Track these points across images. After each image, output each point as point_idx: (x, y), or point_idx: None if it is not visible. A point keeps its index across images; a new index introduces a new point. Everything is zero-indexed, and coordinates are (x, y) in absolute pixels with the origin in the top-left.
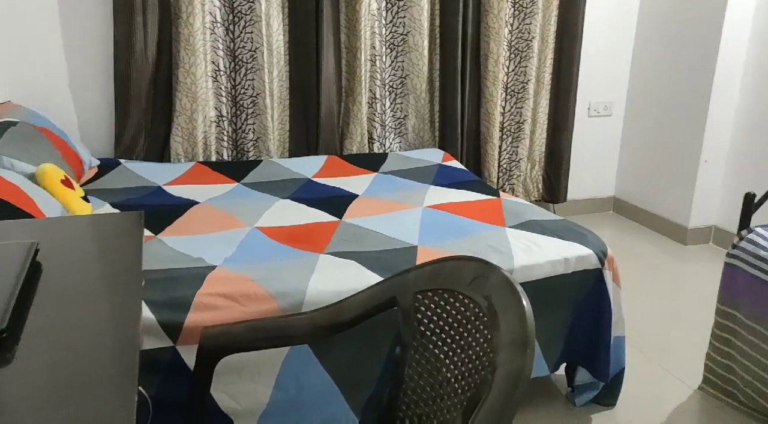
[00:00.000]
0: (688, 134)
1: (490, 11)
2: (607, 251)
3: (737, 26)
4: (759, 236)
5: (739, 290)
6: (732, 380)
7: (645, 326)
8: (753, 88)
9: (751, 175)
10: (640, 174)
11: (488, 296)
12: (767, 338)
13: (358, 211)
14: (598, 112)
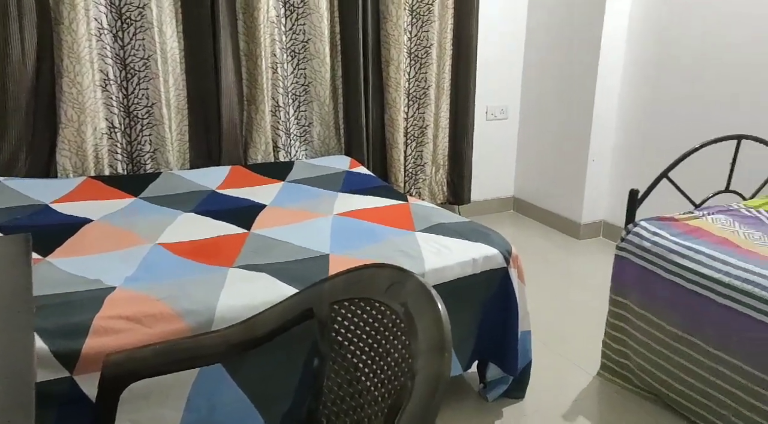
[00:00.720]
0: (577, 136)
1: (388, 19)
2: (511, 250)
3: (614, 36)
4: (643, 229)
5: (628, 281)
6: (626, 364)
7: (546, 319)
8: (629, 93)
9: (634, 173)
10: (536, 174)
11: (404, 303)
12: (655, 323)
13: (266, 221)
14: (495, 116)
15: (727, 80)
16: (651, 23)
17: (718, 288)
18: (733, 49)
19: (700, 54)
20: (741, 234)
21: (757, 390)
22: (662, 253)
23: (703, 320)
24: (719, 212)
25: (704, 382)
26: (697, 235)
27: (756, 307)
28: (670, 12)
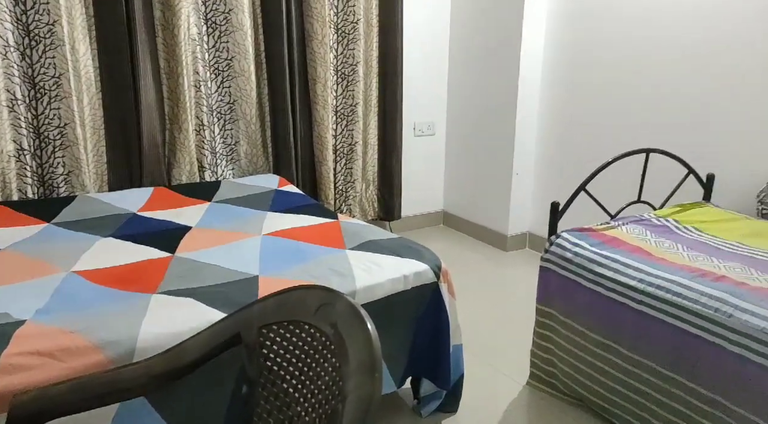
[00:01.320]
0: (501, 150)
1: (314, 37)
2: (441, 265)
3: (531, 55)
4: (565, 241)
5: (553, 290)
6: (553, 372)
7: (477, 331)
8: (548, 109)
9: (556, 185)
10: (463, 188)
11: (334, 324)
12: (579, 331)
13: (192, 244)
14: (422, 131)
15: (636, 98)
16: (564, 45)
17: (633, 294)
18: (641, 69)
19: (611, 74)
20: (653, 242)
21: (671, 391)
22: (583, 263)
23: (621, 326)
24: (633, 222)
25: (623, 385)
26: (613, 244)
27: (667, 311)
28: (581, 34)
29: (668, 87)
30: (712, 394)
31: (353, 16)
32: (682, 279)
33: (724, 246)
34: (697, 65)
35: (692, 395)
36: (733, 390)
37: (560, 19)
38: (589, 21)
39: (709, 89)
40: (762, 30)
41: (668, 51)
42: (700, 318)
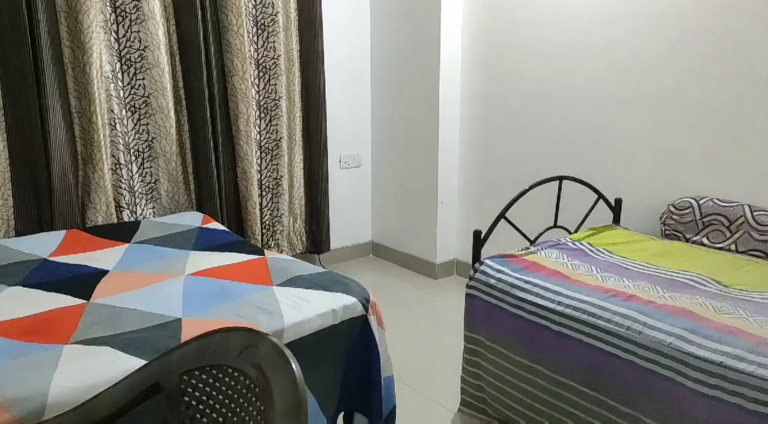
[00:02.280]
0: (425, 180)
1: (234, 73)
2: (369, 297)
3: (450, 89)
4: (488, 267)
5: (479, 316)
6: (483, 397)
7: (409, 361)
8: (468, 140)
9: (479, 213)
10: (391, 218)
11: (258, 366)
12: (504, 355)
13: (109, 289)
14: (348, 164)
15: (549, 128)
16: (479, 80)
17: (552, 317)
18: (551, 100)
19: (524, 106)
20: (569, 265)
21: (590, 407)
22: (506, 288)
23: (542, 347)
24: (551, 247)
25: (547, 405)
26: (533, 269)
27: (583, 331)
28: (494, 69)
29: (577, 117)
30: (626, 408)
31: (273, 52)
32: (596, 300)
33: (633, 266)
34: (602, 96)
35: (609, 411)
36: (644, 403)
37: (475, 56)
38: (502, 57)
39: (615, 119)
40: (665, 61)
41: (576, 82)
42: (613, 336)
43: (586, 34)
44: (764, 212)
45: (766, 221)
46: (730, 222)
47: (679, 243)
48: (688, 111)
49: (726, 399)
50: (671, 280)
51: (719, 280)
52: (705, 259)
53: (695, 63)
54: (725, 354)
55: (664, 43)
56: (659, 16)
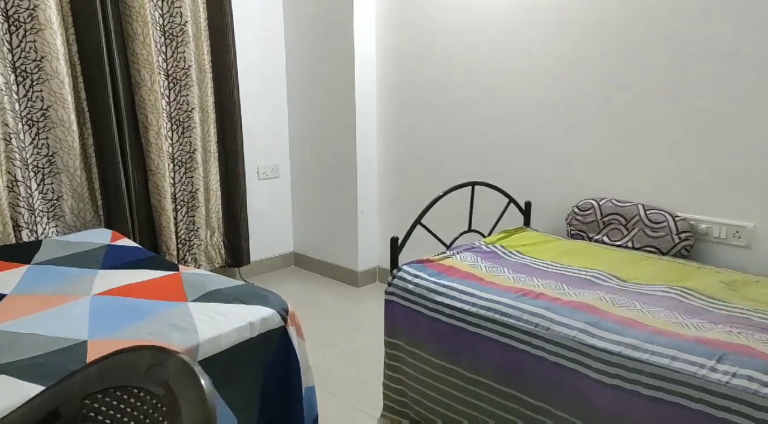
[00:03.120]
0: (345, 189)
1: (142, 84)
2: (288, 308)
3: (366, 98)
4: (406, 273)
5: (398, 322)
6: (405, 401)
7: (332, 370)
8: (385, 148)
9: (398, 220)
10: (312, 228)
11: (166, 383)
12: (424, 358)
13: (6, 313)
14: (267, 174)
15: (463, 135)
16: (397, 90)
17: (468, 318)
18: (464, 108)
19: (438, 114)
20: (483, 268)
21: (506, 404)
22: (423, 292)
23: (460, 349)
24: (465, 250)
25: (467, 405)
26: (449, 273)
27: (497, 330)
28: (408, 77)
29: (489, 124)
30: (538, 402)
31: (184, 62)
32: (508, 300)
33: (542, 266)
34: (511, 102)
35: (523, 406)
36: (554, 396)
37: (390, 64)
38: (416, 65)
39: (523, 125)
40: (567, 69)
41: (486, 89)
42: (524, 334)
43: (495, 42)
44: (656, 210)
45: (657, 219)
46: (626, 221)
47: (583, 242)
48: (589, 117)
49: (625, 387)
50: (576, 277)
51: (617, 275)
52: (605, 256)
53: (593, 71)
54: (623, 344)
55: (566, 51)
56: (561, 25)
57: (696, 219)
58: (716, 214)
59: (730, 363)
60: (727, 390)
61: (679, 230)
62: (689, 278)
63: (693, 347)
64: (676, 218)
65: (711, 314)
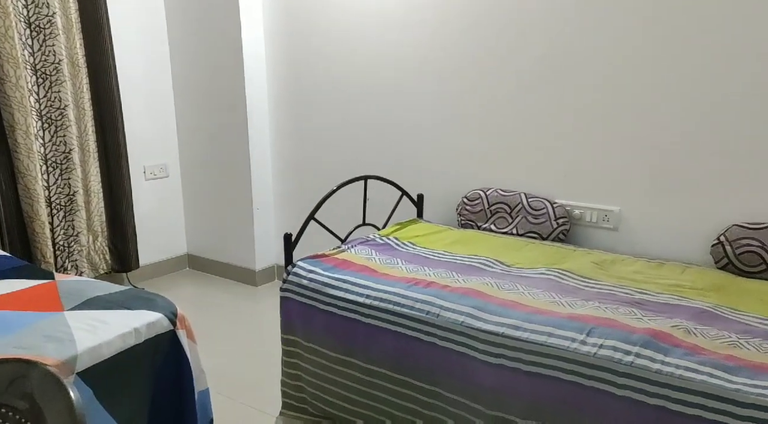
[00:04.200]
0: (239, 187)
1: (6, 80)
2: (176, 311)
3: (257, 93)
4: (301, 269)
5: (294, 318)
6: (303, 397)
7: (230, 372)
8: (279, 143)
9: (295, 216)
10: (207, 228)
11: (30, 397)
12: (321, 353)
13: None
14: (154, 174)
15: (357, 131)
16: (288, 85)
17: (362, 310)
18: (357, 104)
19: (332, 110)
20: (377, 260)
21: (401, 391)
22: (318, 287)
23: (355, 340)
24: (360, 244)
25: (364, 395)
26: (344, 266)
27: (390, 320)
28: (301, 76)
29: (382, 118)
30: (430, 386)
31: (53, 56)
32: (400, 290)
33: (433, 256)
34: (403, 97)
35: (417, 391)
36: (445, 380)
37: (280, 59)
38: (307, 60)
39: (415, 119)
40: (454, 66)
41: (379, 85)
42: (415, 321)
43: (384, 38)
44: (536, 198)
45: (538, 206)
46: (511, 209)
47: (473, 231)
48: (475, 111)
49: (508, 365)
50: (465, 265)
51: (502, 261)
52: (492, 243)
53: (477, 66)
54: (505, 325)
55: (450, 47)
56: (444, 22)
57: (571, 205)
58: (588, 200)
59: (597, 336)
60: (594, 361)
61: (557, 215)
62: (565, 261)
63: (566, 324)
64: (554, 204)
65: (583, 293)
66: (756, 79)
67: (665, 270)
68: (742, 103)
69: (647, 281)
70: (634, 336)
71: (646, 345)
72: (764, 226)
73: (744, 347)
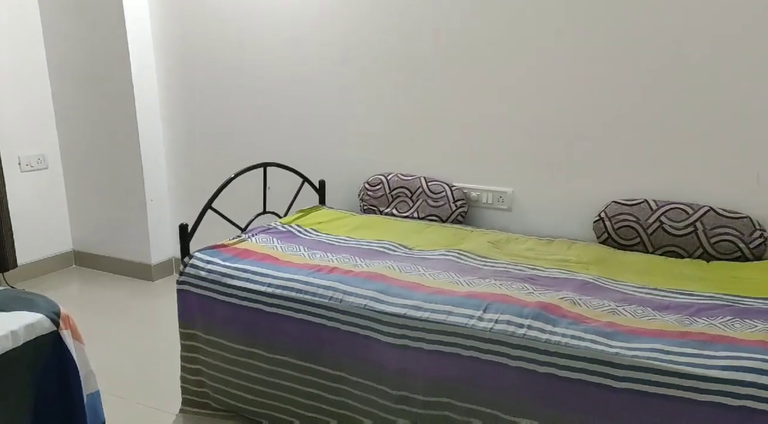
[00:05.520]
0: (130, 178)
1: None
2: (59, 311)
3: (145, 78)
4: (198, 260)
5: (193, 311)
6: (205, 392)
7: (124, 371)
8: (172, 132)
9: (192, 207)
10: (95, 223)
11: None
12: (222, 345)
13: None
14: (31, 166)
15: (254, 117)
16: (180, 72)
17: (264, 299)
18: (252, 90)
19: (228, 97)
20: (279, 248)
21: (306, 378)
22: (217, 278)
23: (257, 331)
24: (261, 232)
25: (268, 385)
26: (244, 256)
27: (293, 308)
28: (194, 63)
29: (282, 105)
30: (336, 371)
31: None
32: (303, 277)
33: (336, 242)
34: (303, 84)
35: (323, 377)
36: (350, 364)
37: (169, 44)
38: (199, 47)
39: (316, 106)
40: (353, 53)
41: (277, 71)
42: (319, 308)
43: (281, 25)
44: (436, 181)
45: (437, 190)
46: (412, 193)
47: (375, 216)
48: (375, 98)
49: (411, 345)
50: (367, 249)
51: (405, 244)
52: (394, 227)
53: (375, 54)
54: (407, 307)
55: (348, 35)
56: (342, 8)
57: (468, 188)
58: (483, 182)
59: (493, 311)
60: (491, 335)
61: (456, 198)
62: (464, 241)
63: (465, 302)
64: (452, 187)
65: (480, 271)
66: (631, 69)
67: (554, 247)
68: (617, 91)
69: (538, 258)
70: (525, 310)
71: (537, 317)
72: (638, 202)
73: (622, 314)
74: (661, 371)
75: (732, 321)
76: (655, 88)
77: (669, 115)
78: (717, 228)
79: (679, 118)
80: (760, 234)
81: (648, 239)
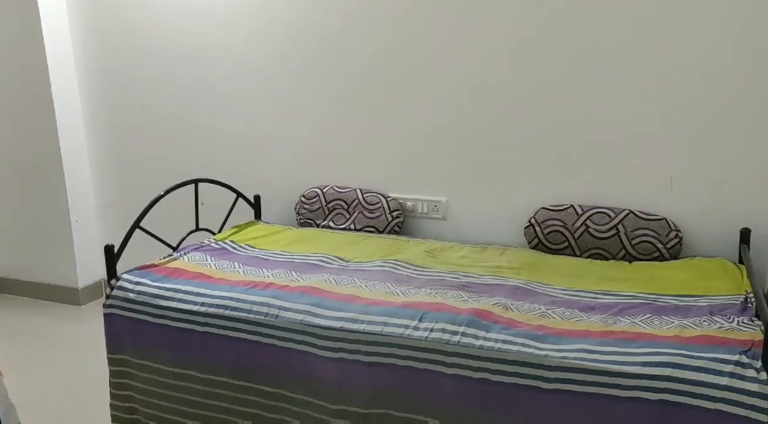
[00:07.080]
0: (53, 200)
1: None
2: None
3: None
4: (126, 282)
5: (122, 335)
6: (136, 418)
7: (50, 402)
8: (99, 151)
9: (122, 227)
10: (15, 247)
11: None
12: (154, 369)
13: None
14: None
15: (185, 134)
16: (102, 88)
17: (197, 319)
18: (184, 104)
19: (157, 112)
20: (213, 265)
21: (245, 398)
22: (147, 300)
23: (191, 352)
24: (194, 250)
25: (203, 407)
26: (175, 276)
27: (228, 326)
28: (117, 78)
29: (214, 119)
30: (273, 388)
31: None
32: (237, 294)
33: (272, 257)
34: (235, 97)
35: (261, 396)
36: (287, 380)
37: (91, 61)
38: (122, 62)
39: (250, 120)
40: (284, 65)
41: (207, 84)
42: (254, 325)
43: (209, 37)
44: (371, 193)
45: (373, 201)
46: (348, 205)
47: (312, 229)
48: (307, 111)
49: (348, 358)
50: (303, 263)
51: (341, 256)
52: (331, 240)
53: (305, 67)
54: (343, 319)
55: (274, 48)
56: (265, 21)
57: (404, 198)
58: (418, 192)
59: (428, 320)
60: (426, 344)
61: (391, 209)
62: (400, 252)
63: (400, 312)
64: (388, 198)
65: (416, 281)
66: (553, 83)
67: (487, 253)
68: (542, 104)
69: (472, 265)
70: (459, 317)
71: (470, 324)
72: (565, 207)
73: (551, 317)
74: (586, 370)
75: (651, 319)
76: (576, 100)
77: (589, 124)
78: (637, 230)
79: (598, 127)
80: (676, 234)
81: (575, 243)
